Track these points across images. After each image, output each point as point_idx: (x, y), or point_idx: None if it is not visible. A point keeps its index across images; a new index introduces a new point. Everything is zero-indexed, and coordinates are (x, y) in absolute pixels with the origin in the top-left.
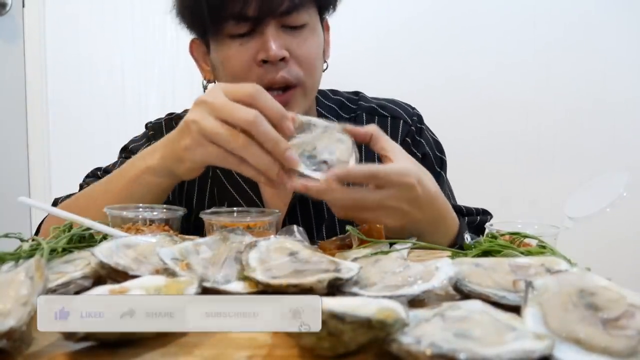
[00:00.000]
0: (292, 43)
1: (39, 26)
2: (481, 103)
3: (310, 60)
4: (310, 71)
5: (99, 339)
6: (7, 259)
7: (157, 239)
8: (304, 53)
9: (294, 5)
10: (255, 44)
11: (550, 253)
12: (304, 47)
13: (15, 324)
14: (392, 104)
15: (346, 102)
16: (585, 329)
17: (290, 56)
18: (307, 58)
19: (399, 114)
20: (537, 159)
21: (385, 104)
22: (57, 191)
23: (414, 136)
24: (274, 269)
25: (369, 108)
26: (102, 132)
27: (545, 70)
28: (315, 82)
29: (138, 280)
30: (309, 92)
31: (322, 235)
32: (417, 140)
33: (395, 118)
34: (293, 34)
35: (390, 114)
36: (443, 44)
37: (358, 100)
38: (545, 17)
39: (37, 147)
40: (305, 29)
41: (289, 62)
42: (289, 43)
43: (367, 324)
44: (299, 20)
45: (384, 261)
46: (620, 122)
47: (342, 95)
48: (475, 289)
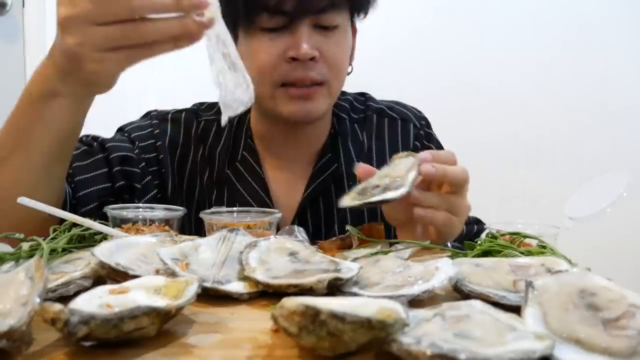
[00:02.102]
0: (323, 43)
1: (39, 26)
2: (481, 103)
3: (338, 62)
4: (338, 73)
5: (99, 338)
6: (7, 259)
7: (157, 239)
8: (334, 55)
9: (331, 5)
10: (287, 40)
11: (550, 253)
12: (334, 48)
13: (15, 324)
14: (400, 106)
15: (355, 103)
16: (586, 329)
17: (320, 56)
18: (336, 60)
19: (408, 117)
20: (537, 159)
21: (394, 106)
22: None
23: (423, 141)
24: (274, 269)
25: (378, 109)
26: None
27: (545, 71)
28: (340, 84)
29: (138, 280)
30: (333, 93)
31: (333, 235)
32: (426, 146)
33: (405, 121)
34: (325, 34)
35: (400, 116)
36: (444, 44)
37: (366, 102)
38: (545, 17)
39: None
40: (337, 30)
41: (318, 62)
42: (320, 43)
43: (367, 324)
44: (332, 21)
45: (384, 261)
46: (620, 122)
47: (350, 96)
48: (475, 289)
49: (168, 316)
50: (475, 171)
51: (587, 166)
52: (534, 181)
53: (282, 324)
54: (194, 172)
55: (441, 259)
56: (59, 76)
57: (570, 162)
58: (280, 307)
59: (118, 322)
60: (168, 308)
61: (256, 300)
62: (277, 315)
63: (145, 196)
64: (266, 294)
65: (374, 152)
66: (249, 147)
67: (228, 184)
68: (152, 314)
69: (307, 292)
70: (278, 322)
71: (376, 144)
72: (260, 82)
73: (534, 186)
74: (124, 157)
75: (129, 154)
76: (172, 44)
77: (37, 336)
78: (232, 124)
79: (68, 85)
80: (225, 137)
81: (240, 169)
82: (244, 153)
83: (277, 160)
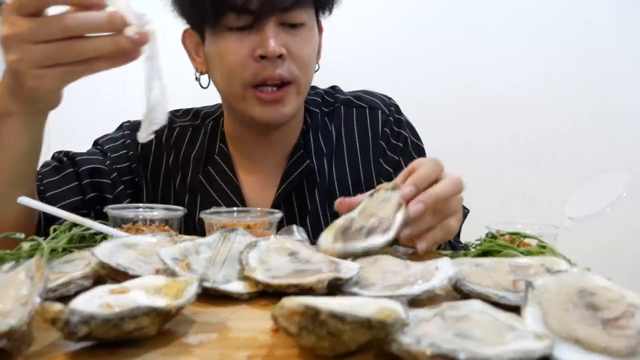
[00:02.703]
0: (290, 41)
1: None
2: (482, 104)
3: (306, 60)
4: (306, 70)
5: (99, 338)
6: (7, 259)
7: (157, 239)
8: (301, 52)
9: (295, 3)
10: (254, 39)
11: (550, 253)
12: (301, 46)
13: (15, 324)
14: (368, 94)
15: (325, 97)
16: (585, 329)
17: (288, 54)
18: (303, 57)
19: (376, 104)
20: (537, 160)
21: (361, 95)
22: None
23: (393, 127)
24: (274, 269)
25: (345, 100)
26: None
27: (545, 72)
28: (308, 81)
29: (138, 280)
30: (302, 90)
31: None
32: (395, 131)
33: (372, 108)
34: (291, 32)
35: (367, 104)
36: (444, 46)
37: (335, 94)
38: (545, 19)
39: None
40: (303, 28)
41: (285, 59)
42: (287, 41)
43: (367, 324)
44: (298, 19)
45: (383, 261)
46: (620, 123)
47: (320, 90)
48: (475, 289)
49: (168, 316)
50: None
51: (587, 167)
52: (534, 181)
53: (282, 324)
54: (167, 178)
55: (441, 258)
56: (8, 94)
57: (570, 162)
58: (280, 307)
59: (118, 322)
60: (168, 308)
61: (256, 300)
62: (277, 315)
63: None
64: (266, 294)
65: (344, 143)
66: (221, 151)
67: (201, 189)
68: (152, 314)
69: (307, 292)
70: (278, 322)
71: (346, 135)
72: (230, 83)
73: (534, 186)
74: (93, 169)
75: (98, 166)
76: (109, 62)
77: (37, 336)
78: (207, 128)
79: (17, 103)
80: (199, 142)
81: (213, 173)
82: (216, 157)
83: (250, 162)
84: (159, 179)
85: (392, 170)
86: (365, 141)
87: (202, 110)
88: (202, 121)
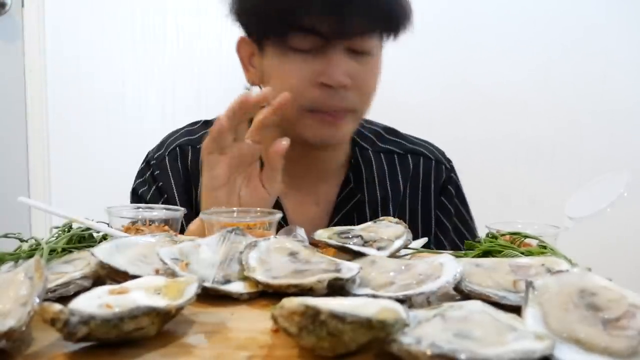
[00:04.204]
0: (356, 70)
1: (39, 26)
2: (481, 103)
3: (369, 90)
4: (367, 100)
5: (99, 339)
6: (7, 259)
7: (157, 239)
8: (367, 83)
9: (367, 29)
10: (319, 63)
11: (550, 253)
12: (367, 76)
13: (15, 324)
14: (430, 145)
15: (383, 135)
16: (586, 329)
17: (352, 84)
18: (367, 87)
19: (439, 158)
20: (537, 159)
21: (427, 146)
22: (57, 191)
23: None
24: (274, 269)
25: (411, 149)
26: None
27: (545, 70)
28: (367, 110)
29: (138, 280)
30: (360, 117)
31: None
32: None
33: (438, 163)
34: (358, 60)
35: (434, 157)
36: (443, 44)
37: (397, 137)
38: (544, 17)
39: (36, 147)
40: (370, 56)
41: (349, 89)
42: (354, 70)
43: (368, 324)
44: (366, 46)
45: (380, 261)
46: (620, 122)
47: (379, 128)
48: (475, 289)
49: (168, 316)
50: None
51: (587, 166)
52: (533, 181)
53: (282, 324)
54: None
55: (440, 255)
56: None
57: (570, 162)
58: (280, 307)
59: (118, 322)
60: (168, 308)
61: (256, 300)
62: (277, 315)
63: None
64: (266, 294)
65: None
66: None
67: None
68: (152, 314)
69: (307, 292)
70: (278, 322)
71: (411, 183)
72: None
73: (533, 186)
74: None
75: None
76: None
77: (37, 336)
78: None
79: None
80: None
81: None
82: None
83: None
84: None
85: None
86: (427, 192)
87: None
88: None
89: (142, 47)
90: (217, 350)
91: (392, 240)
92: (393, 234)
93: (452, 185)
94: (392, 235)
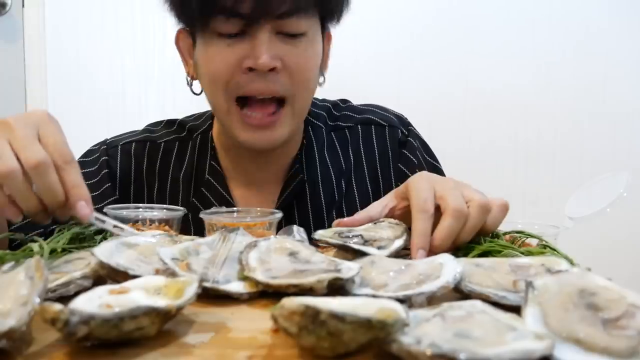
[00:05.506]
0: (287, 53)
1: (39, 26)
2: (482, 104)
3: (304, 74)
4: (303, 86)
5: (99, 338)
6: (7, 259)
7: (157, 239)
8: (299, 65)
9: (294, 8)
10: (244, 47)
11: (551, 253)
12: (299, 58)
13: (15, 324)
14: (381, 110)
15: (333, 111)
16: (586, 329)
17: (282, 67)
18: (301, 71)
19: (394, 122)
20: (537, 160)
21: (376, 111)
22: None
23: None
24: (274, 269)
25: (363, 119)
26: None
27: (545, 72)
28: (307, 99)
29: (138, 280)
30: (299, 111)
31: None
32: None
33: (392, 127)
34: (289, 42)
35: (387, 122)
36: (444, 46)
37: (344, 109)
38: (545, 19)
39: None
40: (304, 38)
41: (279, 72)
42: (283, 52)
43: (368, 324)
44: (297, 27)
45: (380, 262)
46: (620, 123)
47: (329, 103)
48: (475, 289)
49: (168, 316)
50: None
51: (588, 167)
52: (534, 182)
53: (282, 324)
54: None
55: (439, 255)
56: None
57: (570, 162)
58: (280, 307)
59: (118, 322)
60: (168, 308)
61: (256, 300)
62: (277, 315)
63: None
64: (266, 294)
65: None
66: (213, 170)
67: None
68: (152, 314)
69: (307, 292)
70: (278, 322)
71: (364, 152)
72: (213, 93)
73: (534, 186)
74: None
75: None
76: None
77: (37, 336)
78: (195, 144)
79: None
80: (187, 160)
81: (207, 194)
82: (209, 177)
83: (245, 176)
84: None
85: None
86: (385, 159)
87: (187, 122)
88: (188, 134)
89: (142, 47)
90: (217, 350)
91: (392, 240)
92: (393, 235)
93: (409, 146)
94: (392, 236)
